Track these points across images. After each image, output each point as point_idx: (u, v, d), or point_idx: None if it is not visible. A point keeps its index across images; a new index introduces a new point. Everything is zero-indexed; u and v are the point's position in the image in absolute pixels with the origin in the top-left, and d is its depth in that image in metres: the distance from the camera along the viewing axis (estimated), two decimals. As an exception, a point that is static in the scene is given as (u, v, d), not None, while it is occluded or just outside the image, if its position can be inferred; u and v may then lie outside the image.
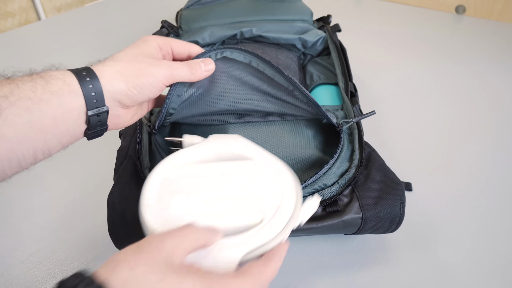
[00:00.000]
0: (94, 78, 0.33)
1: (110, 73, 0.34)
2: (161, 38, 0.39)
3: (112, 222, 0.40)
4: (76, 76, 0.32)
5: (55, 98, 0.31)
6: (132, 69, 0.35)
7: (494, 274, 0.43)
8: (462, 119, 0.68)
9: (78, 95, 0.32)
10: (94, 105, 0.33)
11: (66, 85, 0.31)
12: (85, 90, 0.32)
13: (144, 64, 0.36)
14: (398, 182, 0.43)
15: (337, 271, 0.44)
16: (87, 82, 0.32)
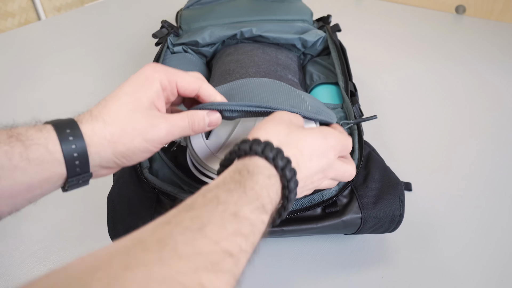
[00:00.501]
0: (80, 145, 0.29)
1: (98, 140, 0.30)
2: (166, 75, 0.33)
3: (112, 222, 0.40)
4: (61, 142, 0.28)
5: (33, 166, 0.27)
6: (124, 137, 0.30)
7: (494, 274, 0.43)
8: (462, 119, 0.68)
9: (60, 164, 0.28)
10: (76, 172, 0.29)
11: (48, 153, 0.27)
12: (68, 159, 0.28)
13: (140, 127, 0.31)
14: (397, 181, 0.43)
15: (337, 271, 0.44)
16: (72, 150, 0.28)
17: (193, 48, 0.67)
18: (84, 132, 0.29)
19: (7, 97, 0.76)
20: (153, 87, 0.32)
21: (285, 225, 0.41)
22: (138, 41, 0.95)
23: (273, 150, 0.30)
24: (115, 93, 0.32)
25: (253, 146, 0.30)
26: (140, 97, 0.32)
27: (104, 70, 0.84)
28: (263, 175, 0.28)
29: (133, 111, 0.31)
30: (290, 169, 0.30)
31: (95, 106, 0.31)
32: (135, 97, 0.31)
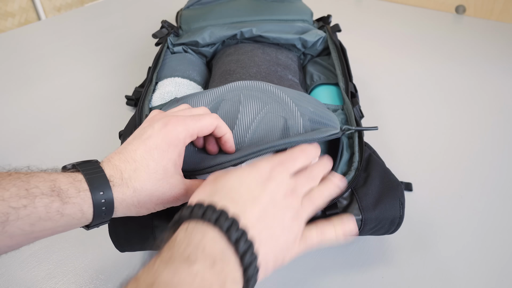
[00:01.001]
0: (110, 209, 0.31)
1: (127, 206, 0.32)
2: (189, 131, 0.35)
3: (113, 222, 0.40)
4: (94, 207, 0.31)
5: (64, 219, 0.30)
6: (149, 204, 0.33)
7: (494, 274, 0.43)
8: (462, 119, 0.68)
9: (87, 220, 0.31)
10: (97, 225, 0.33)
11: (81, 212, 0.30)
12: (96, 217, 0.31)
13: (163, 198, 0.34)
14: (397, 183, 0.43)
15: (337, 271, 0.44)
16: (102, 211, 0.31)
17: (193, 48, 0.67)
18: (115, 197, 0.31)
19: (7, 97, 0.76)
20: (177, 151, 0.34)
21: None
22: (138, 41, 0.95)
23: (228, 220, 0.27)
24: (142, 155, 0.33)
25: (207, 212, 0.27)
26: (166, 165, 0.33)
27: (104, 70, 0.84)
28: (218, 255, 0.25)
29: (161, 180, 0.33)
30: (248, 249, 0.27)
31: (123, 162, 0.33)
32: (162, 166, 0.33)
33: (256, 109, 0.42)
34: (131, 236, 0.40)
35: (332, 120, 0.44)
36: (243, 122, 0.41)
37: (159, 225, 0.40)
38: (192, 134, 0.35)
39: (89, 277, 0.44)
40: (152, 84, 0.57)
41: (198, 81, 0.61)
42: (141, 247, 0.42)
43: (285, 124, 0.41)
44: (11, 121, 0.69)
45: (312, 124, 0.42)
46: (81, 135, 0.64)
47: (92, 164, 0.32)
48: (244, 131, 0.41)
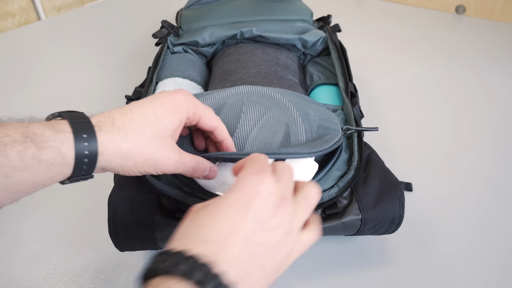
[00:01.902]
0: (93, 153, 0.29)
1: (112, 152, 0.30)
2: (194, 107, 0.34)
3: (113, 223, 0.40)
4: (76, 148, 0.28)
5: (42, 167, 0.27)
6: (137, 156, 0.31)
7: (494, 274, 0.43)
8: (462, 119, 0.68)
9: (68, 166, 0.28)
10: (81, 174, 0.29)
11: (60, 156, 0.28)
12: (77, 164, 0.28)
13: (154, 154, 0.31)
14: (397, 183, 0.43)
15: (337, 271, 0.44)
16: (84, 155, 0.28)
17: (193, 48, 0.67)
18: (101, 141, 0.29)
19: (7, 97, 0.76)
20: (180, 116, 0.33)
21: (285, 226, 0.41)
22: (138, 41, 0.95)
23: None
24: (144, 109, 0.32)
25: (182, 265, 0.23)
26: (166, 124, 0.32)
27: (104, 70, 0.84)
28: None
29: (155, 136, 0.31)
30: None
31: (119, 113, 0.31)
32: (162, 123, 0.32)
33: (258, 114, 0.42)
34: (131, 235, 0.40)
35: (333, 122, 0.44)
36: (244, 126, 0.41)
37: (159, 225, 0.40)
38: (196, 112, 0.34)
39: (89, 277, 0.44)
40: (152, 84, 0.57)
41: (198, 81, 0.61)
42: (141, 246, 0.42)
43: (286, 130, 0.41)
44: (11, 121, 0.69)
45: (312, 128, 0.42)
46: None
47: (79, 112, 0.31)
48: (245, 135, 0.41)
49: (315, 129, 0.42)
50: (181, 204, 0.40)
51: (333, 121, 0.44)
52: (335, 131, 0.43)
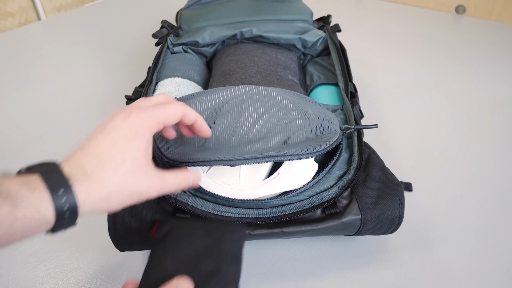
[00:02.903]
0: (72, 207, 0.28)
1: (94, 200, 0.29)
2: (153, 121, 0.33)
3: (113, 223, 0.40)
4: (55, 205, 0.27)
5: (19, 223, 0.26)
6: (119, 198, 0.30)
7: (494, 274, 0.43)
8: (462, 119, 0.68)
9: (49, 222, 0.28)
10: (63, 226, 0.29)
11: (38, 213, 0.27)
12: (59, 219, 0.28)
13: (135, 190, 0.31)
14: (397, 183, 0.43)
15: (337, 271, 0.44)
16: (64, 212, 0.28)
17: (193, 48, 0.67)
18: (78, 193, 0.28)
19: (7, 97, 0.76)
20: (144, 139, 0.32)
21: (285, 226, 0.41)
22: (138, 41, 0.95)
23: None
24: (106, 147, 0.31)
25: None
26: (134, 154, 0.31)
27: (104, 70, 0.84)
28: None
29: (129, 172, 0.31)
30: None
31: (85, 157, 0.30)
32: (129, 156, 0.31)
33: (258, 114, 0.43)
34: (131, 235, 0.40)
35: (332, 122, 0.44)
36: (245, 125, 0.42)
37: (159, 225, 0.40)
38: (158, 123, 0.33)
39: (89, 277, 0.44)
40: (152, 84, 0.57)
41: (198, 81, 0.61)
42: (141, 246, 0.42)
43: (286, 129, 0.41)
44: (11, 121, 0.69)
45: (312, 128, 0.42)
46: (81, 135, 0.64)
47: (49, 164, 0.30)
48: (247, 134, 0.41)
49: (314, 129, 0.42)
50: (181, 204, 0.40)
51: (331, 121, 0.44)
52: (333, 130, 0.43)
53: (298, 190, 0.40)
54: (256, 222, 0.40)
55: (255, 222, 0.40)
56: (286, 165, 0.41)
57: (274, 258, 0.45)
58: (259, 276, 0.43)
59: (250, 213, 0.40)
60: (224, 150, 0.39)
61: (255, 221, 0.40)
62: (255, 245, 0.47)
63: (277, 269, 0.44)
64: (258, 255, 0.46)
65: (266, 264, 0.45)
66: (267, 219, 0.40)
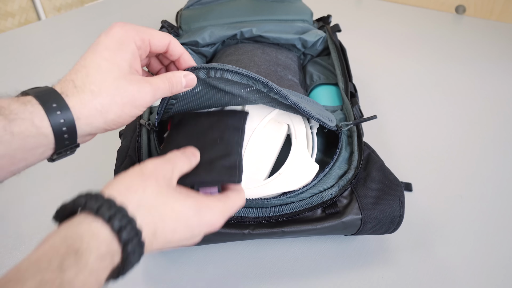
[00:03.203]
0: (69, 119, 0.28)
1: (89, 112, 0.29)
2: (138, 34, 0.33)
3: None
4: (48, 116, 0.27)
5: (17, 140, 0.26)
6: (114, 106, 0.30)
7: (494, 274, 0.43)
8: (462, 119, 0.68)
9: (47, 137, 0.28)
10: (65, 144, 0.29)
11: (34, 127, 0.27)
12: (57, 133, 0.28)
13: (128, 95, 0.31)
14: (397, 182, 0.43)
15: (337, 271, 0.44)
16: (61, 124, 0.28)
17: (193, 48, 0.67)
18: (72, 106, 0.28)
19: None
20: (129, 49, 0.32)
21: (285, 226, 0.41)
22: (138, 41, 0.95)
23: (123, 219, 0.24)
24: (92, 59, 0.31)
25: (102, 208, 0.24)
26: (120, 63, 0.31)
27: (104, 70, 0.84)
28: (95, 254, 0.23)
29: (118, 78, 0.31)
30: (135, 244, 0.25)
31: (74, 73, 0.30)
32: (115, 63, 0.31)
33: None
34: None
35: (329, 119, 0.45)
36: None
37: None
38: (142, 38, 0.33)
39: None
40: (152, 84, 0.57)
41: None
42: None
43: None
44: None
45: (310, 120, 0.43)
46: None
47: (42, 87, 0.30)
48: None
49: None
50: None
51: (329, 118, 0.45)
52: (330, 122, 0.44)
53: (298, 190, 0.41)
54: (256, 222, 0.40)
55: (255, 221, 0.40)
56: (287, 166, 0.41)
57: (274, 258, 0.45)
58: (259, 276, 0.43)
59: (250, 213, 0.40)
60: None
61: (255, 220, 0.40)
62: (255, 245, 0.47)
63: (277, 269, 0.44)
64: (258, 254, 0.46)
65: (266, 264, 0.45)
66: (267, 218, 0.40)
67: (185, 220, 0.29)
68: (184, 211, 0.29)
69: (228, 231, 0.41)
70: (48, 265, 0.21)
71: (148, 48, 0.35)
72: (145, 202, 0.27)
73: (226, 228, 0.41)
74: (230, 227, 0.41)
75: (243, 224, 0.41)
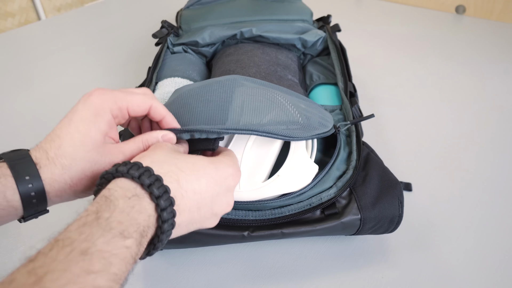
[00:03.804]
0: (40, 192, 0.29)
1: (59, 186, 0.30)
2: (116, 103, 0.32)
3: None
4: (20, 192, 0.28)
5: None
6: (84, 179, 0.31)
7: (494, 274, 0.43)
8: (462, 119, 0.68)
9: (17, 209, 0.28)
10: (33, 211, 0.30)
11: (5, 201, 0.28)
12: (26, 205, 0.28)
13: (98, 168, 0.31)
14: (396, 182, 0.43)
15: (337, 271, 0.44)
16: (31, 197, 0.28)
17: (193, 48, 0.67)
18: (44, 178, 0.29)
19: (7, 97, 0.76)
20: (104, 120, 0.32)
21: (285, 227, 0.41)
22: (138, 41, 0.95)
23: (140, 169, 0.27)
24: (67, 130, 0.30)
25: (119, 167, 0.28)
26: (94, 135, 0.31)
27: (104, 70, 0.84)
28: (123, 198, 0.26)
29: (90, 151, 0.30)
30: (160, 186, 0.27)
31: (48, 142, 0.30)
32: (89, 136, 0.30)
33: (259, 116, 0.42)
34: None
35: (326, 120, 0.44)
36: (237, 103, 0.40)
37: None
38: (120, 107, 0.32)
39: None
40: (152, 84, 0.57)
41: (198, 81, 0.61)
42: None
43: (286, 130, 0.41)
44: (11, 121, 0.69)
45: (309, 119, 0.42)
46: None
47: (19, 151, 0.30)
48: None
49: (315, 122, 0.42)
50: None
51: (326, 119, 0.44)
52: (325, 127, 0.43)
53: (297, 192, 0.40)
54: (255, 224, 0.40)
55: (254, 224, 0.40)
56: (286, 167, 0.41)
57: (274, 258, 0.45)
58: (259, 276, 0.43)
59: (250, 215, 0.40)
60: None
61: (254, 223, 0.40)
62: (255, 245, 0.47)
63: (277, 269, 0.44)
64: (258, 255, 0.46)
65: (266, 264, 0.45)
66: (267, 220, 0.40)
67: (203, 167, 0.30)
68: (198, 161, 0.31)
69: (228, 233, 0.41)
70: (87, 213, 0.25)
71: (127, 115, 0.34)
72: (158, 159, 0.29)
73: (226, 230, 0.41)
74: (229, 229, 0.41)
75: (242, 226, 0.41)
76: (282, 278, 0.43)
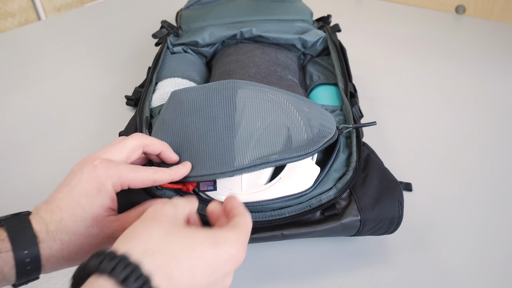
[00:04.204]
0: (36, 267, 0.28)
1: (56, 260, 0.29)
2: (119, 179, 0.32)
3: None
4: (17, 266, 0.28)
5: None
6: (81, 253, 0.30)
7: (494, 275, 0.43)
8: (462, 119, 0.68)
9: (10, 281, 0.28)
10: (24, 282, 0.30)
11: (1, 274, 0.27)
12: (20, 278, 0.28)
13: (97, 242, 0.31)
14: (396, 183, 0.43)
15: (337, 271, 0.44)
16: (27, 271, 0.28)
17: (193, 48, 0.67)
18: (42, 254, 0.29)
19: (7, 97, 0.76)
20: (107, 195, 0.31)
21: (285, 229, 0.41)
22: (138, 41, 0.95)
23: (127, 268, 0.23)
24: (69, 203, 0.30)
25: (103, 262, 0.23)
26: (96, 210, 0.31)
27: (104, 70, 0.84)
28: None
29: (91, 226, 0.30)
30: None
31: (48, 212, 0.30)
32: (91, 211, 0.30)
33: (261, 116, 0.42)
34: None
35: (328, 121, 0.44)
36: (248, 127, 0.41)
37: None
38: (122, 184, 0.32)
39: (89, 277, 0.44)
40: (152, 85, 0.57)
41: (198, 81, 0.61)
42: None
43: (288, 133, 0.41)
44: (11, 121, 0.69)
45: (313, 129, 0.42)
46: (81, 135, 0.64)
47: (20, 218, 0.29)
48: (249, 136, 0.40)
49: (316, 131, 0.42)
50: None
51: (328, 120, 0.44)
52: (329, 129, 0.43)
53: (297, 194, 0.40)
54: (255, 226, 0.40)
55: (254, 225, 0.40)
56: (287, 169, 0.41)
57: (274, 258, 0.45)
58: (259, 277, 0.43)
59: (250, 218, 0.40)
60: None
61: (254, 224, 0.40)
62: (255, 245, 0.47)
63: (277, 270, 0.44)
64: (258, 255, 0.46)
65: (266, 265, 0.45)
66: (267, 222, 0.40)
67: (201, 256, 0.26)
68: (197, 246, 0.26)
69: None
70: None
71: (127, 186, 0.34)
72: (152, 246, 0.25)
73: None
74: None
75: None
76: (282, 278, 0.43)
